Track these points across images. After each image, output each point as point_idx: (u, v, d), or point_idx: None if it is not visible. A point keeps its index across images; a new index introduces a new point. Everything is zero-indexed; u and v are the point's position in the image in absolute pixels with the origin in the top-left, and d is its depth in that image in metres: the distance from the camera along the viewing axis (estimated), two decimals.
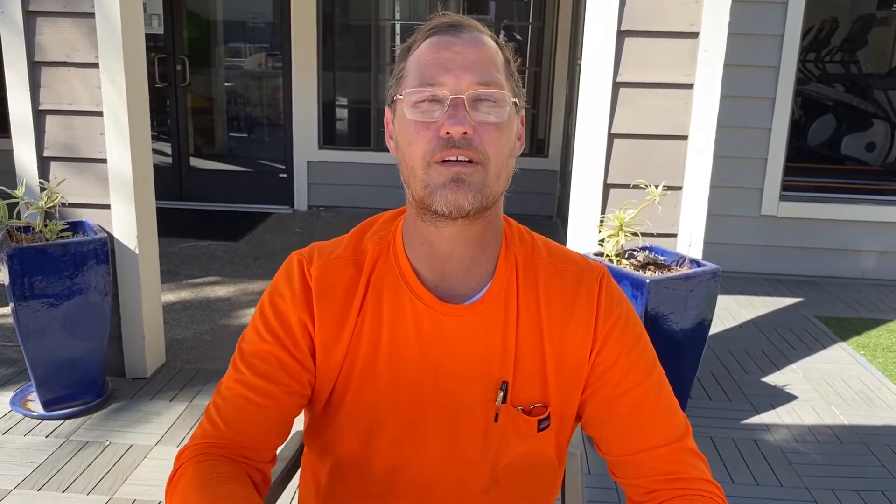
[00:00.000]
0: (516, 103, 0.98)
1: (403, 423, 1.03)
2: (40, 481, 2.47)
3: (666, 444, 1.01)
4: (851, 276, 4.85)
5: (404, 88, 0.96)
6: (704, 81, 2.77)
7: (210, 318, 3.91)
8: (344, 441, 1.05)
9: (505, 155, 0.96)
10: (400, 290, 1.03)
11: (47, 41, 2.93)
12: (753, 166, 4.71)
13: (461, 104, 0.92)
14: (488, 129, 0.93)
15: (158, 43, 6.03)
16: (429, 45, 0.96)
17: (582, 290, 1.04)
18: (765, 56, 4.54)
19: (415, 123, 0.94)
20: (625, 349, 1.03)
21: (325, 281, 1.03)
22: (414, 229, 1.02)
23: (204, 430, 1.01)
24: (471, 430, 1.03)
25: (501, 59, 0.99)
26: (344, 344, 1.02)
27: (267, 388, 1.00)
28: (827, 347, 3.78)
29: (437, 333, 1.01)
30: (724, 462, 2.72)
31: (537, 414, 1.03)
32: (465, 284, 1.02)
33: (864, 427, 3.00)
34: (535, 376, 1.03)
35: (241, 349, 1.04)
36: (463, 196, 0.92)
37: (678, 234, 2.90)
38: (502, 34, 6.45)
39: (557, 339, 1.03)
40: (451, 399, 1.02)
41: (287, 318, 1.02)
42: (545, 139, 6.30)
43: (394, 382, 1.02)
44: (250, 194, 6.29)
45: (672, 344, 2.64)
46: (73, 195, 3.02)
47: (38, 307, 2.74)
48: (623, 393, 1.02)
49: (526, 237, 1.09)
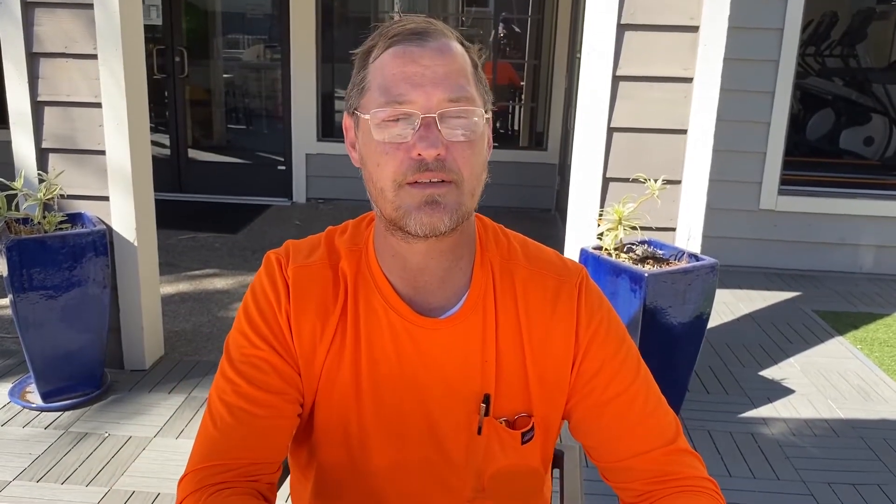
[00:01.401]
0: (487, 112, 0.94)
1: (386, 433, 1.01)
2: (39, 473, 2.47)
3: (658, 447, 0.99)
4: (849, 271, 4.86)
5: (369, 104, 0.91)
6: (704, 75, 2.77)
7: (209, 310, 3.91)
8: (328, 451, 1.03)
9: (478, 171, 0.93)
10: (374, 299, 1.00)
11: (46, 32, 2.92)
12: (752, 160, 4.71)
13: (433, 123, 0.87)
14: (461, 147, 0.89)
15: (157, 34, 6.01)
16: (393, 55, 0.90)
17: (561, 297, 1.01)
18: (764, 50, 4.53)
19: (383, 144, 0.89)
20: (609, 354, 1.01)
21: (302, 284, 1.00)
22: (384, 242, 0.99)
23: (202, 451, 0.97)
24: (454, 442, 1.01)
25: (469, 65, 0.93)
26: (323, 351, 0.99)
27: (265, 399, 0.97)
28: (824, 342, 3.79)
29: (415, 347, 0.99)
30: (722, 455, 2.73)
31: (521, 425, 1.02)
32: (440, 297, 1.00)
33: (860, 421, 3.01)
34: (518, 386, 1.01)
35: (229, 355, 1.00)
36: (438, 219, 0.89)
37: (677, 228, 2.90)
38: (501, 27, 6.44)
39: (538, 347, 1.00)
40: (433, 412, 1.00)
41: (275, 320, 0.99)
42: (544, 132, 6.30)
43: (374, 394, 1.00)
44: (249, 186, 6.28)
45: (670, 338, 2.65)
46: (72, 187, 3.02)
47: (37, 299, 2.74)
48: (610, 399, 1.00)
49: (501, 239, 1.06)
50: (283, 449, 1.00)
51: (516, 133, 6.73)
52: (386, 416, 1.00)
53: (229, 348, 1.01)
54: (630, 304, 2.58)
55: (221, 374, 1.00)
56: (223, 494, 0.92)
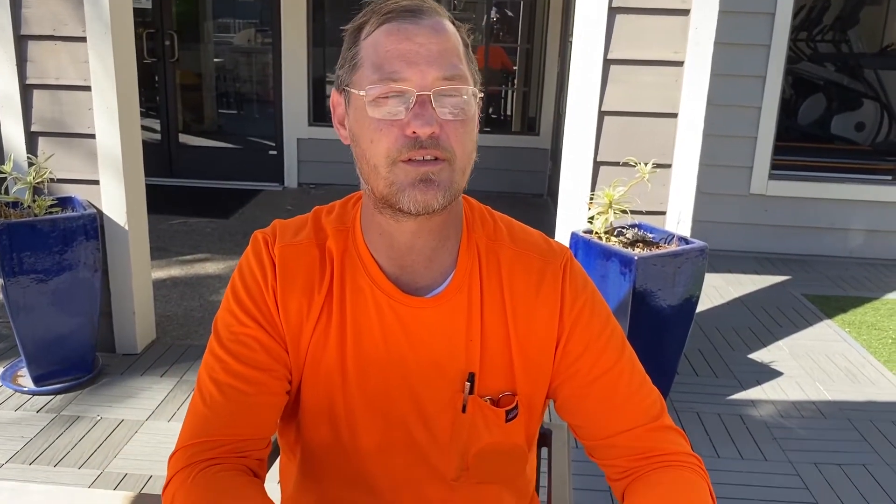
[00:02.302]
0: (478, 91, 0.95)
1: (371, 412, 1.01)
2: (32, 455, 2.48)
3: (642, 424, 1.00)
4: (839, 255, 4.89)
5: (362, 81, 0.91)
6: (695, 59, 2.77)
7: (200, 295, 3.92)
8: (314, 429, 1.04)
9: (470, 149, 0.93)
10: (361, 278, 1.00)
11: (34, 14, 2.90)
12: (743, 145, 4.72)
13: (427, 101, 0.88)
14: (454, 125, 0.90)
15: (147, 18, 5.97)
16: (386, 32, 0.90)
17: (546, 278, 1.02)
18: (756, 34, 4.53)
19: (377, 121, 0.89)
20: (593, 335, 1.02)
21: (289, 263, 1.00)
22: (372, 220, 0.99)
23: (192, 428, 0.97)
24: (439, 420, 1.02)
25: (461, 44, 0.93)
26: (309, 329, 1.00)
27: (254, 376, 0.97)
28: (813, 325, 3.82)
29: (401, 325, 1.00)
30: (710, 437, 2.76)
31: (505, 403, 1.03)
32: (426, 276, 1.00)
33: (847, 403, 3.05)
34: (502, 365, 1.02)
35: (218, 334, 1.00)
36: (432, 196, 0.90)
37: (667, 211, 2.91)
38: (494, 10, 6.42)
39: (523, 328, 1.01)
40: (418, 391, 1.01)
41: (262, 298, 0.99)
42: (536, 117, 6.29)
43: (360, 373, 1.00)
44: (240, 171, 6.27)
45: (660, 320, 2.67)
46: (62, 171, 3.00)
47: (28, 283, 2.74)
48: (595, 379, 1.01)
49: (488, 220, 1.06)
50: (271, 425, 1.00)
51: (509, 118, 6.72)
52: (371, 395, 1.01)
53: (217, 327, 1.02)
54: (620, 286, 2.59)
55: (210, 352, 1.01)
56: (212, 470, 0.93)
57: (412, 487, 1.05)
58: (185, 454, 0.95)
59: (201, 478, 0.92)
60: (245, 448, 0.97)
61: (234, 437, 0.96)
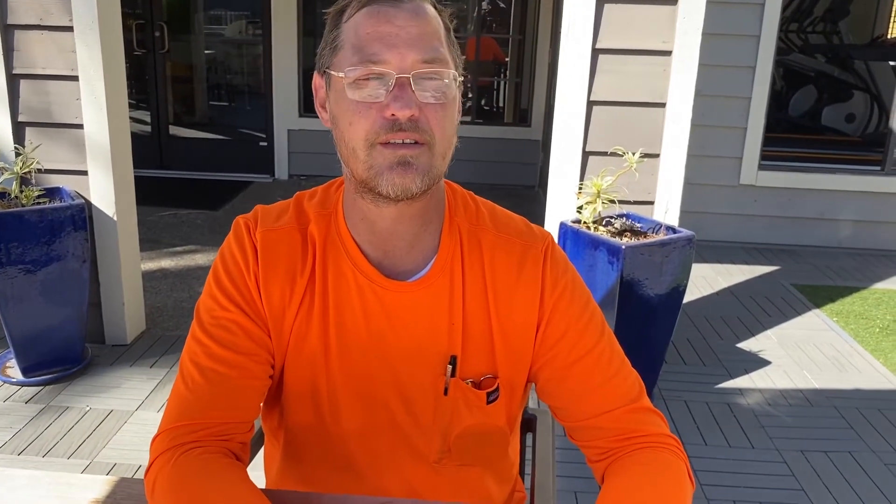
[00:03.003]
0: (459, 75, 0.95)
1: (354, 395, 1.02)
2: (20, 446, 2.48)
3: (621, 405, 1.01)
4: (828, 245, 4.91)
5: (342, 63, 0.91)
6: (683, 48, 2.78)
7: (190, 286, 3.91)
8: (297, 412, 1.04)
9: (450, 133, 0.93)
10: (343, 263, 1.01)
11: (20, 3, 2.88)
12: (733, 135, 4.73)
13: (407, 84, 0.88)
14: (434, 108, 0.90)
15: (136, 9, 5.94)
16: (367, 14, 0.90)
17: (527, 262, 1.02)
18: (745, 25, 4.54)
19: (356, 103, 0.90)
20: (573, 318, 1.03)
21: (270, 248, 1.01)
22: (353, 205, 1.00)
23: (175, 411, 0.97)
24: (421, 403, 1.03)
25: (442, 28, 0.93)
26: (292, 313, 1.00)
27: (236, 360, 0.97)
28: (801, 314, 3.84)
29: (383, 309, 1.00)
30: (698, 425, 2.78)
31: (487, 386, 1.04)
32: (408, 261, 1.01)
33: (834, 391, 3.07)
34: (483, 348, 1.03)
35: (200, 319, 1.01)
36: (410, 180, 0.90)
37: (655, 201, 2.92)
38: (486, 2, 6.40)
39: (504, 311, 1.02)
40: (400, 374, 1.02)
41: (244, 283, 1.00)
42: (528, 109, 6.29)
43: (342, 356, 1.01)
44: (230, 163, 6.25)
45: (647, 309, 2.68)
46: (50, 161, 2.99)
47: (16, 273, 2.73)
48: (575, 361, 1.02)
49: (470, 205, 1.07)
50: (254, 409, 1.01)
51: (501, 109, 6.72)
52: (354, 378, 1.02)
53: (200, 312, 1.02)
54: (608, 276, 2.60)
55: (192, 337, 1.01)
56: (195, 453, 0.94)
57: (394, 469, 1.06)
58: (167, 437, 0.96)
59: (183, 460, 0.93)
60: (227, 431, 0.97)
61: (216, 420, 0.97)
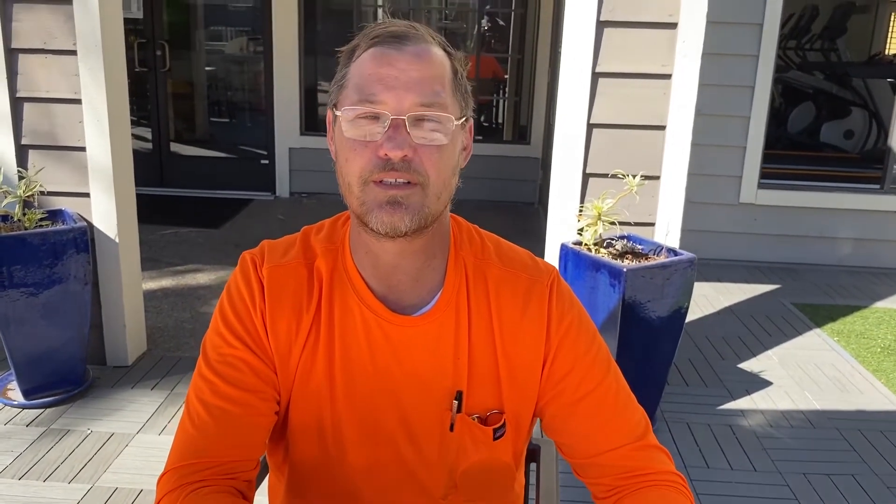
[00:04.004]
0: (463, 118, 0.96)
1: (360, 431, 1.02)
2: (21, 470, 2.47)
3: (627, 443, 1.02)
4: (828, 264, 4.92)
5: (344, 101, 0.93)
6: (683, 72, 2.79)
7: (191, 306, 3.91)
8: (302, 447, 1.05)
9: (447, 175, 0.94)
10: (349, 297, 1.01)
11: (24, 28, 2.90)
12: (732, 154, 4.75)
13: (402, 125, 0.89)
14: (430, 150, 0.91)
15: (138, 27, 5.97)
16: (371, 56, 0.92)
17: (533, 297, 1.03)
18: (744, 45, 4.57)
19: (353, 141, 0.92)
20: (579, 354, 1.03)
21: (277, 284, 1.01)
22: (359, 239, 1.01)
23: (181, 449, 0.98)
24: (427, 439, 1.03)
25: (449, 72, 0.95)
26: (298, 349, 1.01)
27: (242, 397, 0.98)
28: (802, 334, 3.84)
29: (388, 344, 1.01)
30: (700, 447, 2.77)
31: (493, 422, 1.04)
32: (413, 295, 1.01)
33: (836, 412, 3.07)
34: (489, 383, 1.03)
35: (206, 356, 1.01)
36: (399, 219, 0.91)
37: (656, 223, 2.93)
38: (486, 20, 6.45)
39: (510, 346, 1.02)
40: (406, 409, 1.02)
41: (250, 320, 1.00)
42: (527, 126, 6.32)
43: (348, 391, 1.01)
44: (231, 181, 6.26)
45: (649, 331, 2.68)
46: (52, 183, 3.00)
47: (18, 296, 2.73)
48: (581, 398, 1.02)
49: (475, 239, 1.07)
50: (260, 446, 1.01)
51: (500, 127, 6.75)
52: (359, 413, 1.02)
53: (206, 348, 1.03)
54: (609, 298, 2.61)
55: (199, 374, 1.02)
56: (202, 492, 0.94)
57: None
58: (174, 476, 0.96)
59: (190, 500, 0.93)
60: (234, 469, 0.98)
61: (222, 458, 0.97)
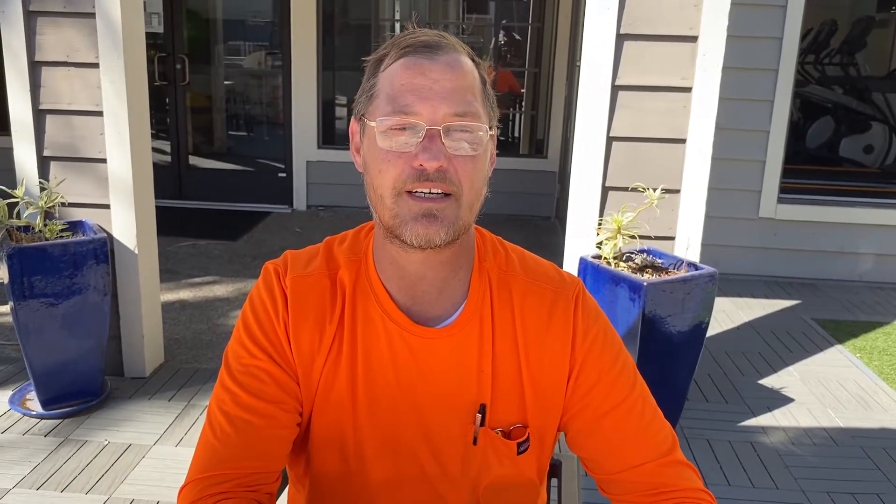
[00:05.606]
0: (491, 129, 0.95)
1: (381, 444, 1.01)
2: (39, 480, 2.48)
3: (654, 459, 1.00)
4: (849, 279, 4.86)
5: (376, 112, 0.92)
6: (703, 85, 2.78)
7: (209, 318, 3.92)
8: (323, 460, 1.03)
9: (479, 186, 0.94)
10: (372, 308, 1.00)
11: (48, 41, 2.93)
12: (752, 168, 4.72)
13: (437, 136, 0.89)
14: (463, 161, 0.91)
15: (158, 41, 6.03)
16: (403, 66, 0.92)
17: (558, 310, 1.02)
18: (764, 59, 4.54)
19: (386, 152, 0.91)
20: (605, 367, 1.02)
21: (300, 294, 1.00)
22: (383, 250, 1.00)
23: (203, 461, 0.97)
24: (450, 452, 1.02)
25: (478, 82, 0.95)
26: (321, 360, 1.00)
27: (265, 408, 0.97)
28: (823, 350, 3.79)
29: (412, 356, 1.00)
30: (721, 464, 2.73)
31: (517, 436, 1.02)
32: (438, 306, 1.00)
33: (859, 430, 3.02)
34: (513, 397, 1.01)
35: (228, 366, 1.01)
36: (435, 232, 0.91)
37: (676, 237, 2.91)
38: (502, 34, 6.47)
39: (534, 359, 1.01)
40: (429, 422, 1.01)
41: (273, 330, 1.00)
42: (544, 140, 6.31)
43: (370, 404, 1.00)
44: (249, 193, 6.29)
45: (669, 346, 2.65)
46: (73, 195, 3.02)
47: (38, 306, 2.75)
48: (606, 412, 1.01)
49: (500, 251, 1.07)
50: (282, 458, 1.00)
51: (517, 140, 6.75)
52: (381, 426, 1.01)
53: (228, 359, 1.02)
54: (629, 312, 2.59)
55: (221, 385, 1.01)
56: None
57: None
58: (195, 488, 0.96)
59: None
60: (255, 482, 0.97)
61: (244, 470, 0.96)
